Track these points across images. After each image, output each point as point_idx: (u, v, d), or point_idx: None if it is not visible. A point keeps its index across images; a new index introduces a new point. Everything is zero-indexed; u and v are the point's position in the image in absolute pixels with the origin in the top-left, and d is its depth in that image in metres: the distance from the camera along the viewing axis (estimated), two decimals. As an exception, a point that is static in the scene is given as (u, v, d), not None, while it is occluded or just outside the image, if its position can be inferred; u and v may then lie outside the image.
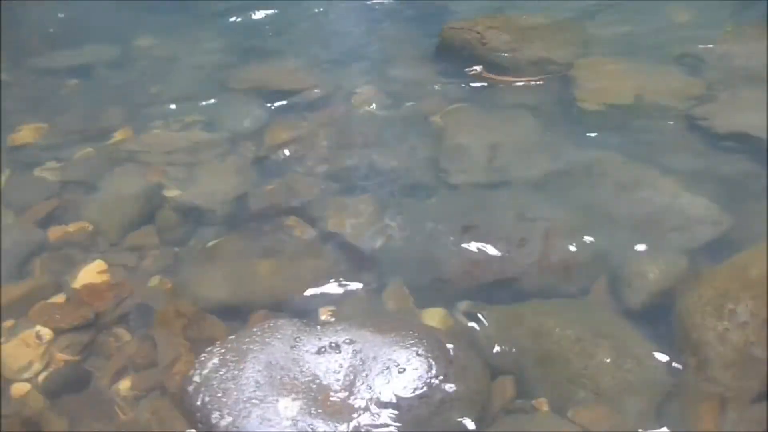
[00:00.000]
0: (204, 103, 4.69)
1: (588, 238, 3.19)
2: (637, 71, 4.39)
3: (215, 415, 2.38)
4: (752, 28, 4.74)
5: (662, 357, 2.66)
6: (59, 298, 3.19)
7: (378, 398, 2.41)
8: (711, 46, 4.56)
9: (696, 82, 4.27)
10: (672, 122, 3.95)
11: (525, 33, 4.78)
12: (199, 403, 2.44)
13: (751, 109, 3.89)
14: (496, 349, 2.77)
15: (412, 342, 2.57)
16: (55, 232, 3.60)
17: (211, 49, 5.48)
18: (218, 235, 3.54)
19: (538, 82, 4.41)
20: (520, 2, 5.50)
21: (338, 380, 2.48)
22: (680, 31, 4.85)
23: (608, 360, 2.63)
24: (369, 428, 2.35)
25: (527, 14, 5.12)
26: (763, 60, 4.29)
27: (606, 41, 4.79)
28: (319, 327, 2.68)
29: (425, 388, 2.44)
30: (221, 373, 2.50)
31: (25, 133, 4.50)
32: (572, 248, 3.16)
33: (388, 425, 2.37)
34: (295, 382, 2.47)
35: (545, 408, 2.54)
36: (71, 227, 3.63)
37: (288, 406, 2.38)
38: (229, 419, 2.35)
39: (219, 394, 2.43)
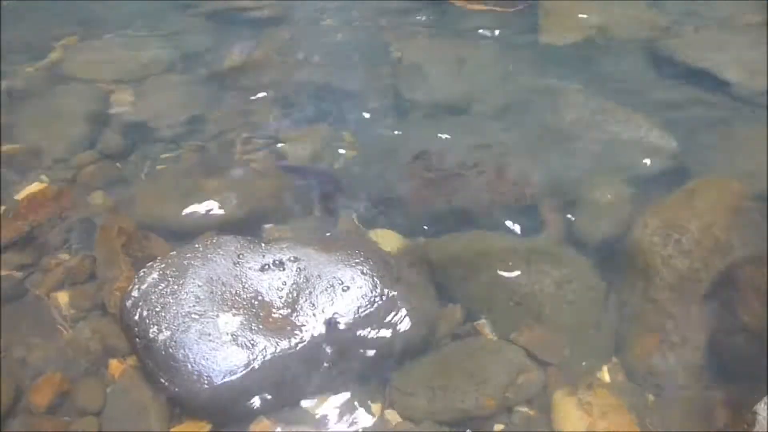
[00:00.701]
0: (153, 20, 4.48)
1: (543, 165, 3.16)
2: (601, 5, 4.30)
3: (153, 329, 2.32)
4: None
5: (608, 283, 2.66)
6: (-3, 213, 3.07)
7: (320, 316, 2.37)
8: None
9: (661, 16, 4.20)
10: (634, 55, 3.90)
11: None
12: (137, 317, 2.38)
13: (713, 48, 3.86)
14: (445, 271, 2.74)
15: (358, 261, 2.53)
16: (-4, 151, 3.44)
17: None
18: (165, 154, 3.42)
19: (504, 10, 4.28)
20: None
21: (281, 297, 2.44)
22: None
23: (555, 284, 2.63)
24: (310, 345, 2.32)
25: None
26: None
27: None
28: (263, 245, 2.62)
29: (369, 307, 2.41)
30: (160, 287, 2.43)
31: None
32: (526, 174, 3.12)
33: (329, 343, 2.34)
34: (237, 298, 2.42)
35: (488, 331, 2.54)
36: (13, 146, 3.47)
37: (228, 322, 2.33)
38: (167, 333, 2.30)
39: (157, 309, 2.37)
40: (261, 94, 3.80)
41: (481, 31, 4.12)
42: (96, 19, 4.52)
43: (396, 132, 3.51)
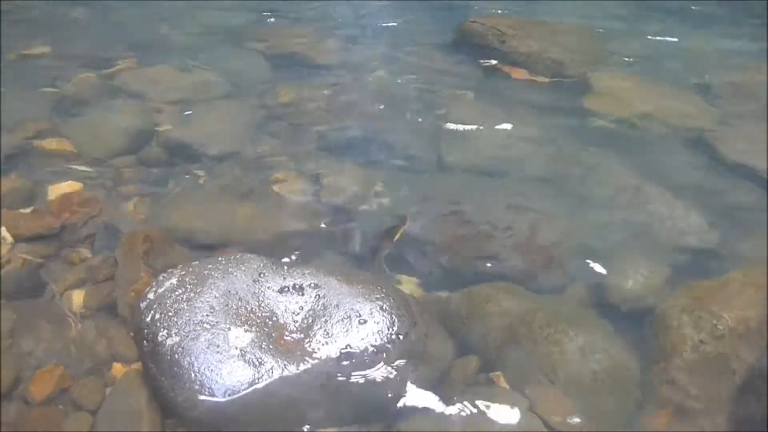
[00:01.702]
0: (213, 52, 4.63)
1: (576, 233, 3.12)
2: (649, 90, 4.34)
3: (162, 333, 2.28)
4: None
5: (630, 356, 2.57)
6: (29, 209, 3.10)
7: (333, 345, 2.31)
8: (729, 78, 4.49)
9: (708, 108, 4.21)
10: (677, 141, 3.89)
11: (545, 36, 4.73)
12: (148, 319, 2.34)
13: (758, 143, 3.84)
14: (465, 323, 2.67)
15: (378, 297, 2.47)
16: (39, 146, 3.51)
17: (229, 6, 5.42)
18: (203, 172, 3.45)
19: (550, 82, 4.34)
20: (547, 6, 5.45)
21: (296, 321, 2.39)
22: (701, 60, 4.79)
23: (575, 349, 2.53)
24: (318, 374, 2.25)
25: (551, 19, 5.08)
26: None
27: (624, 57, 4.73)
28: (286, 267, 2.58)
29: (384, 343, 2.34)
30: (177, 293, 2.40)
31: (29, 53, 4.43)
32: (557, 241, 3.07)
33: (338, 374, 2.27)
34: (251, 315, 2.37)
35: (503, 383, 2.44)
36: (56, 144, 3.55)
37: (239, 336, 2.28)
38: (176, 339, 2.25)
39: (170, 313, 2.33)
40: (306, 131, 3.86)
41: (526, 98, 4.15)
42: (157, 46, 4.69)
43: (433, 185, 3.51)
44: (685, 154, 3.82)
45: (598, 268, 2.99)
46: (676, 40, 5.08)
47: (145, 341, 2.32)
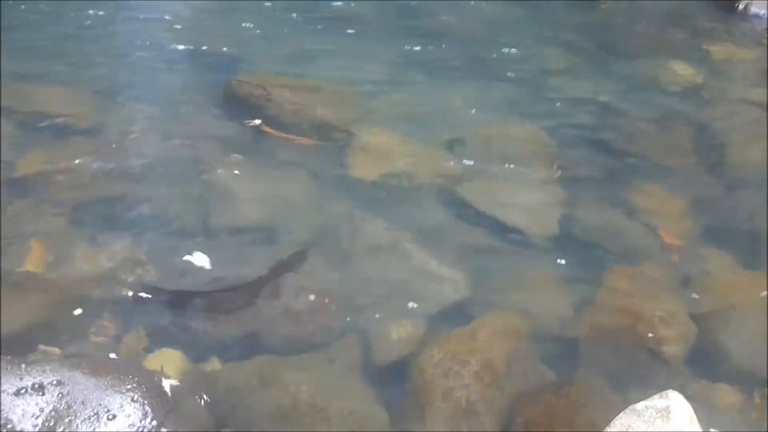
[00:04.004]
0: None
1: (338, 296, 3.23)
2: (408, 145, 4.63)
3: None
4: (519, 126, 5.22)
5: (385, 413, 2.70)
6: None
7: (78, 448, 2.16)
8: (479, 133, 4.94)
9: (459, 161, 4.57)
10: (433, 197, 4.17)
11: (310, 95, 4.88)
12: None
13: (504, 196, 4.25)
14: (228, 400, 2.64)
15: (129, 387, 2.36)
16: None
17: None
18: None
19: (314, 142, 4.47)
20: (314, 66, 5.63)
21: (35, 426, 2.19)
22: (454, 113, 5.21)
23: (338, 415, 2.61)
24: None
25: (316, 78, 5.26)
26: (521, 150, 4.78)
27: (385, 113, 5.01)
28: (24, 365, 2.37)
29: (136, 437, 2.24)
30: None
31: None
32: (321, 304, 3.16)
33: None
34: (-20, 426, 2.15)
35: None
36: None
37: (-37, 454, 2.05)
38: None
39: None
40: (57, 205, 3.60)
41: (290, 159, 4.23)
42: None
43: (198, 252, 3.44)
44: (440, 207, 4.12)
45: (362, 325, 3.13)
46: (432, 95, 5.48)
47: None
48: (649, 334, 3.27)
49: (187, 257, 3.40)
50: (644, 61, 7.07)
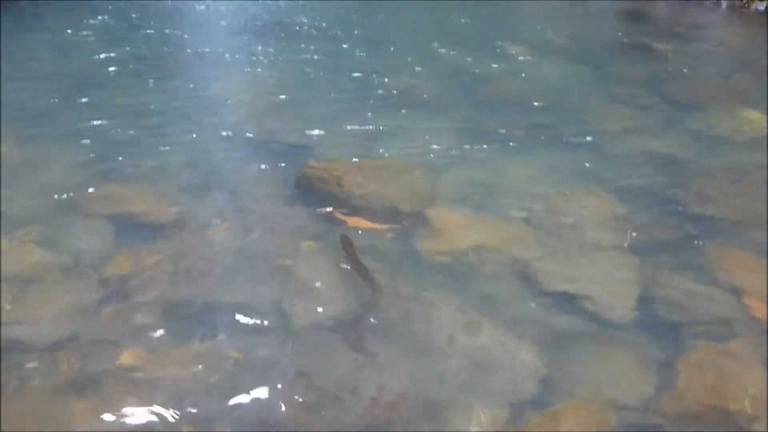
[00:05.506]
0: (48, 222, 4.49)
1: (418, 385, 3.29)
2: (479, 223, 4.70)
3: None
4: (587, 193, 5.23)
5: None
6: None
7: None
8: (548, 205, 4.97)
9: (532, 238, 4.60)
10: (507, 275, 4.20)
11: (380, 177, 5.04)
12: None
13: (581, 271, 4.25)
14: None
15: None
16: None
17: (70, 164, 5.29)
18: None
19: (387, 228, 4.59)
20: (382, 144, 5.81)
21: None
22: (521, 187, 5.26)
23: None
24: None
25: (385, 157, 5.42)
26: (591, 218, 4.77)
27: (453, 190, 5.12)
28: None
29: None
30: None
31: None
32: (401, 398, 3.22)
33: None
34: None
35: None
36: None
37: None
38: None
39: None
40: (146, 305, 3.81)
41: (363, 244, 4.32)
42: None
43: (278, 349, 3.55)
44: (513, 285, 4.14)
45: (440, 419, 3.16)
46: (499, 167, 5.56)
47: None
48: (740, 416, 3.17)
49: (263, 358, 3.50)
50: (712, 110, 7.01)
